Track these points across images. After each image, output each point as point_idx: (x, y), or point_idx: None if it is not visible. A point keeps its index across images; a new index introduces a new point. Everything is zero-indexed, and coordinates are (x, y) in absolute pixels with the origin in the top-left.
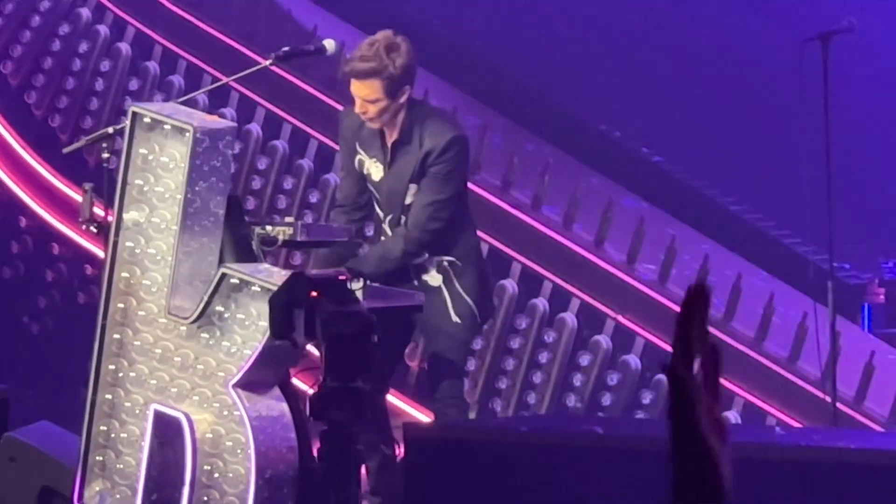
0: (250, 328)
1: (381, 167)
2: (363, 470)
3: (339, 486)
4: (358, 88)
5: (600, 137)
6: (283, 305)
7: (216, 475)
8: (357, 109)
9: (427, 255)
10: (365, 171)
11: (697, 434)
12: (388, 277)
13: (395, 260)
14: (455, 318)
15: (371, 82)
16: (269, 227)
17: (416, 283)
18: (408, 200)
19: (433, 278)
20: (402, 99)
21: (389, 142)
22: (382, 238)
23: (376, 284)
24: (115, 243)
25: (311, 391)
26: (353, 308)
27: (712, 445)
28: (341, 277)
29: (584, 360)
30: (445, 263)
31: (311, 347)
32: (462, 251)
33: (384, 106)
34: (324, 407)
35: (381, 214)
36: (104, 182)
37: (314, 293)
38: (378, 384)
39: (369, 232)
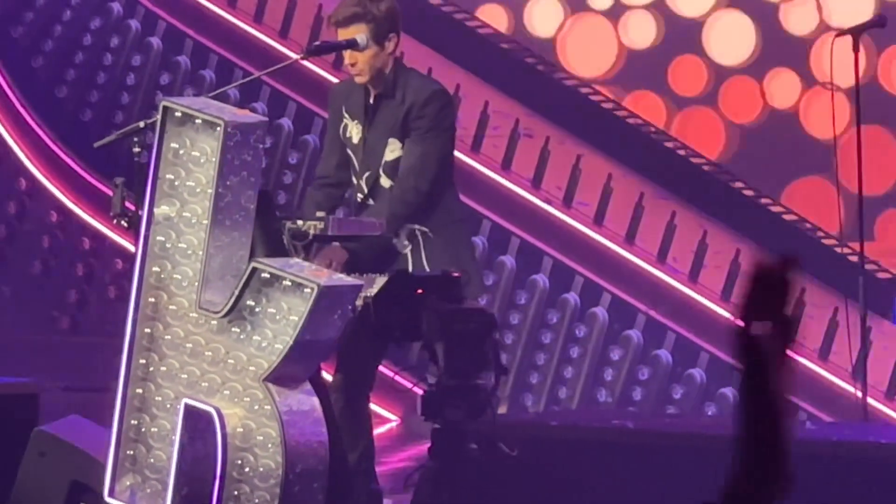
0: (281, 322)
1: (360, 128)
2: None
3: (452, 485)
4: (344, 37)
5: (632, 132)
6: (385, 303)
7: (247, 469)
8: (346, 60)
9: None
10: (347, 135)
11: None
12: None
13: (389, 225)
14: None
15: (357, 27)
16: (300, 222)
17: (388, 247)
18: (387, 157)
19: (401, 244)
20: (390, 48)
21: (373, 96)
22: (359, 197)
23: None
24: (146, 238)
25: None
26: (473, 305)
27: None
28: (455, 275)
29: (615, 354)
30: (417, 232)
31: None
32: (437, 223)
33: (372, 53)
34: (439, 406)
35: (357, 173)
36: (135, 176)
37: (419, 291)
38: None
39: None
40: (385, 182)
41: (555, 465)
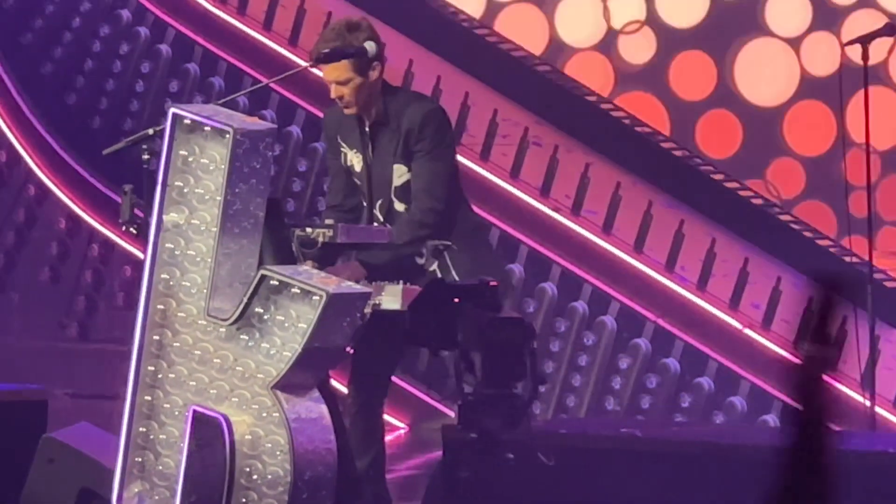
0: (290, 330)
1: (360, 157)
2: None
3: (488, 494)
4: (328, 73)
5: (641, 140)
6: (421, 311)
7: (255, 477)
8: (333, 95)
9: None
10: (349, 164)
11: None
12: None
13: (404, 246)
14: None
15: (338, 64)
16: (308, 230)
17: (409, 266)
18: (395, 182)
19: (427, 262)
20: (374, 76)
21: (368, 124)
22: (376, 226)
23: (415, 287)
24: (155, 245)
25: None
26: (510, 314)
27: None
28: (492, 283)
29: (624, 363)
30: (440, 247)
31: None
32: (458, 235)
33: (357, 84)
34: (476, 414)
35: (368, 201)
36: (144, 183)
37: (455, 299)
38: (376, 390)
39: None
40: (399, 206)
41: (563, 473)
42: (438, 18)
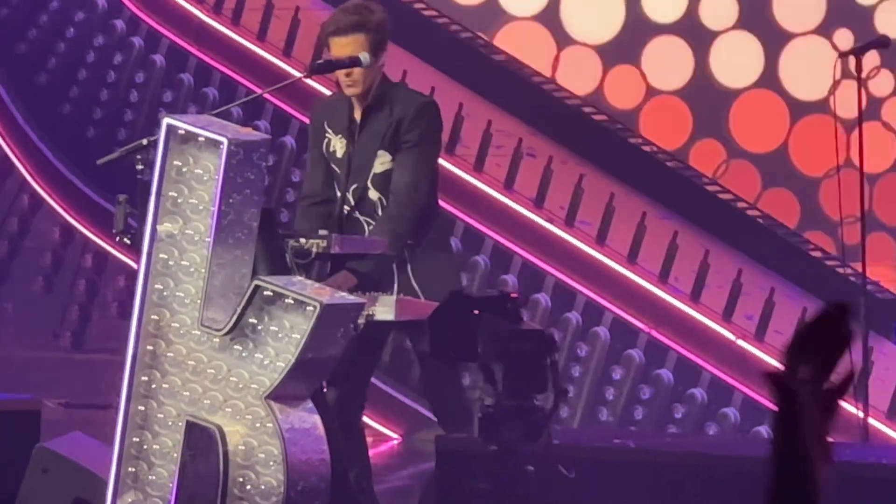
0: (283, 340)
1: (345, 143)
2: None
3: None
4: (343, 47)
5: (634, 152)
6: (441, 323)
7: (248, 487)
8: (342, 77)
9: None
10: (331, 150)
11: (800, 448)
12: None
13: (392, 244)
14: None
15: (356, 36)
16: (302, 240)
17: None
18: (376, 169)
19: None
20: (382, 62)
21: (359, 110)
22: (345, 210)
23: (408, 297)
24: (149, 255)
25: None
26: (532, 326)
27: (813, 462)
28: (513, 295)
29: (617, 374)
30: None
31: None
32: (422, 235)
33: (369, 63)
34: (497, 426)
35: (342, 186)
36: (138, 194)
37: (475, 311)
38: (353, 397)
39: None
40: (373, 194)
41: (556, 484)
42: (433, 29)
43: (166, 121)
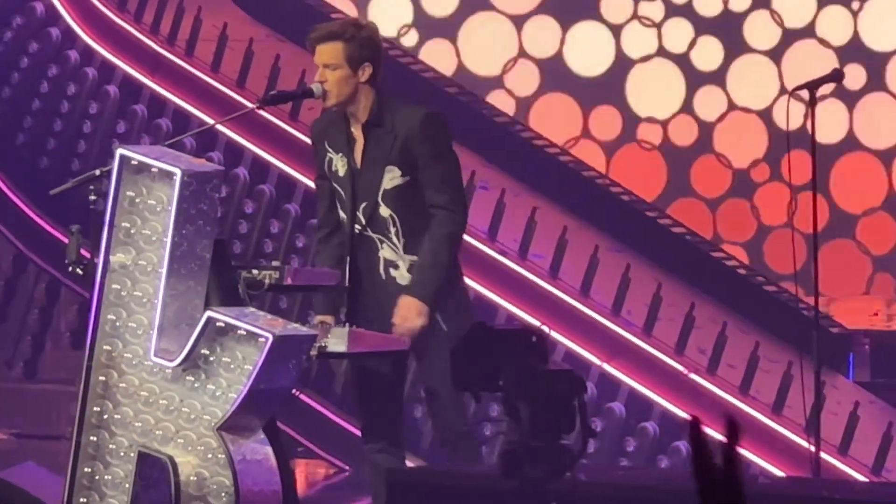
0: (235, 371)
1: (346, 161)
2: None
3: None
4: (319, 54)
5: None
6: (464, 356)
7: None
8: (317, 78)
9: (402, 249)
10: (333, 169)
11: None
12: (356, 274)
13: (446, 253)
14: None
15: (333, 45)
16: (255, 271)
17: (383, 277)
18: (385, 185)
19: (402, 276)
20: (364, 77)
21: (357, 126)
22: (356, 228)
23: (361, 329)
24: (102, 285)
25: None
26: (561, 366)
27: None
28: (545, 329)
29: None
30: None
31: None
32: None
33: (343, 75)
34: (519, 464)
35: (347, 204)
36: (91, 224)
37: (497, 346)
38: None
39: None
40: (384, 211)
41: None
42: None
43: (120, 151)
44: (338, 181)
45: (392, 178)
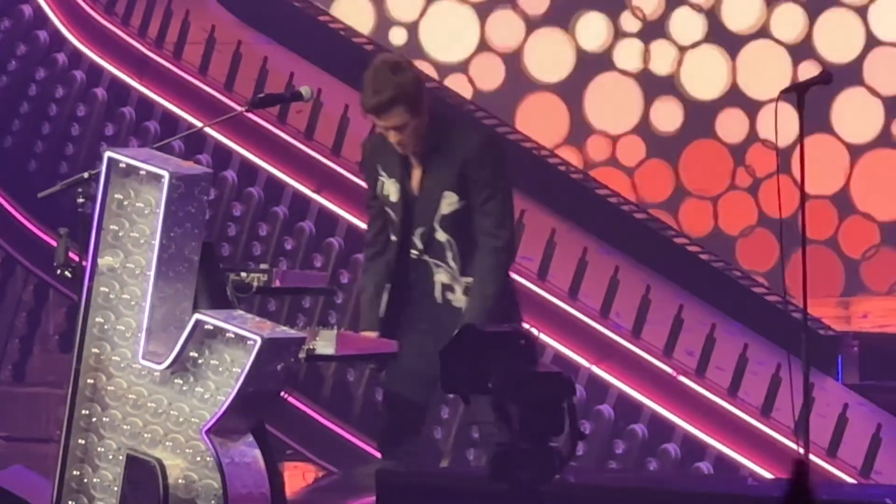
0: (224, 374)
1: (398, 187)
2: None
3: None
4: (385, 121)
5: (575, 186)
6: (453, 359)
7: None
8: (392, 141)
9: (459, 272)
10: (385, 193)
11: None
12: (402, 298)
13: (498, 281)
14: None
15: (396, 111)
16: (243, 274)
17: (439, 301)
18: (443, 210)
19: (458, 299)
20: (425, 112)
21: (413, 153)
22: (413, 254)
23: (349, 332)
24: (90, 288)
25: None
26: (550, 368)
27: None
28: (534, 332)
29: None
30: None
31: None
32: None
33: (413, 126)
34: (509, 466)
35: (400, 230)
36: (79, 227)
37: (486, 348)
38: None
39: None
40: (441, 236)
41: None
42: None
43: (108, 154)
44: (389, 206)
45: (450, 203)
